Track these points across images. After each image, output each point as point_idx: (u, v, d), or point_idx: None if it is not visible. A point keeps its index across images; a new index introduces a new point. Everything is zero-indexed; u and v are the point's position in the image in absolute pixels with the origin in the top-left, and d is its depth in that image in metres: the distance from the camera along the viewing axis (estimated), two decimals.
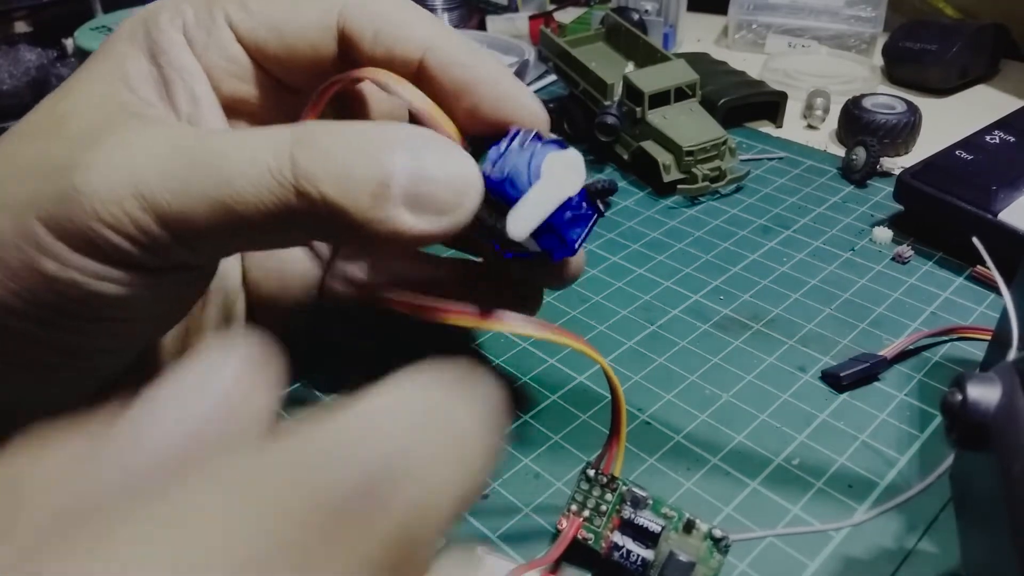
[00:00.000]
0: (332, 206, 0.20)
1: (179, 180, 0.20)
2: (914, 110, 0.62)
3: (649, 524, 0.29)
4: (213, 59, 0.25)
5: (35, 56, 0.68)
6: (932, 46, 0.71)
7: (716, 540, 0.28)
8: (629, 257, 0.50)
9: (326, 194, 0.20)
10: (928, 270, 0.48)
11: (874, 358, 0.40)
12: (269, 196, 0.20)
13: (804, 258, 0.50)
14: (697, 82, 0.58)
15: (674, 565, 0.28)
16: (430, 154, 0.21)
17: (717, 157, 0.56)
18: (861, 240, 0.51)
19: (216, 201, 0.20)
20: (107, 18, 0.63)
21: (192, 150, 0.21)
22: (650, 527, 0.29)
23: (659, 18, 0.79)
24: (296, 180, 0.20)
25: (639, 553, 0.29)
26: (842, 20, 0.79)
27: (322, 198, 0.20)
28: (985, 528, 0.24)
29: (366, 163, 0.20)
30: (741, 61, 0.75)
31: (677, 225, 0.54)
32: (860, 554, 0.31)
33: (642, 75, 0.58)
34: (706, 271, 0.49)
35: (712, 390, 0.39)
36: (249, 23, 0.25)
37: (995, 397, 0.23)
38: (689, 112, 0.58)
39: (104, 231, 0.20)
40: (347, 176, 0.20)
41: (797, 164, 0.60)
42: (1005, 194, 0.47)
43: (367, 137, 0.21)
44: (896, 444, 0.36)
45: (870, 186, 0.57)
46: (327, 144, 0.20)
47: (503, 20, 0.86)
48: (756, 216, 0.54)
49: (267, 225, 0.20)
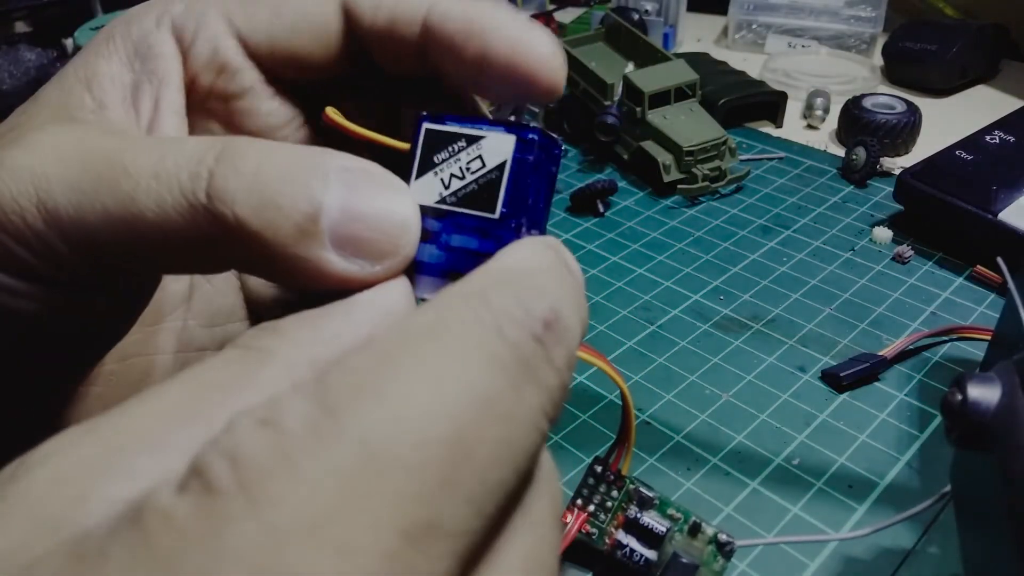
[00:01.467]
0: (250, 234, 0.17)
1: (81, 191, 0.19)
2: (914, 110, 0.62)
3: (654, 525, 0.29)
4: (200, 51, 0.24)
5: (35, 56, 0.68)
6: (932, 46, 0.71)
7: (721, 544, 0.28)
8: (629, 257, 0.50)
9: (243, 220, 0.17)
10: (928, 270, 0.48)
11: (874, 358, 0.40)
12: (175, 217, 0.18)
13: (804, 258, 0.50)
14: (697, 82, 0.58)
15: (677, 567, 0.28)
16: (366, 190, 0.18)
17: (717, 157, 0.56)
18: (861, 240, 0.51)
19: (117, 217, 0.18)
20: (107, 18, 0.64)
21: (101, 158, 0.19)
22: (655, 528, 0.29)
23: (659, 18, 0.79)
24: (210, 201, 0.18)
25: (643, 553, 0.29)
26: (842, 20, 0.79)
27: (238, 224, 0.17)
28: (985, 528, 0.24)
29: (294, 190, 0.17)
30: (741, 61, 0.75)
31: (677, 225, 0.54)
32: (860, 554, 0.31)
33: (642, 75, 0.58)
34: (706, 271, 0.49)
35: (712, 390, 0.39)
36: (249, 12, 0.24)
37: (995, 397, 0.23)
38: (689, 112, 0.58)
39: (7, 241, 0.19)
40: (270, 203, 0.17)
41: (797, 164, 0.61)
42: (1005, 194, 0.47)
43: (300, 160, 0.18)
44: (896, 444, 0.36)
45: (870, 186, 0.57)
46: (254, 163, 0.18)
47: None
48: (756, 216, 0.54)
49: (178, 250, 0.18)
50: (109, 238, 0.19)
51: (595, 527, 0.30)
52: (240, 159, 0.18)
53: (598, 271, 0.49)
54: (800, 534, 0.32)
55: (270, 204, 0.17)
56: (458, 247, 0.19)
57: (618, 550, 0.29)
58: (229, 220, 0.17)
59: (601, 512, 0.30)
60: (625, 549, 0.29)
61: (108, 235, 0.19)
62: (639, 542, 0.29)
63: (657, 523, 0.29)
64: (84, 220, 0.19)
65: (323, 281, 0.18)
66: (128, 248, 0.19)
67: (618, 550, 0.29)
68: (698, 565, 0.28)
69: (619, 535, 0.29)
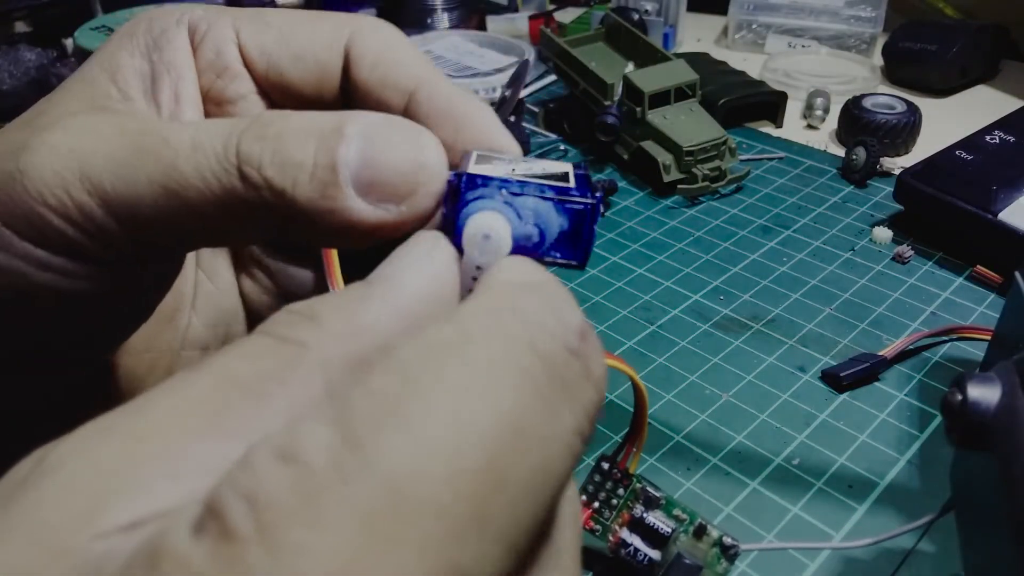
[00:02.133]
0: (276, 192, 0.19)
1: (124, 163, 0.20)
2: (914, 110, 0.62)
3: (660, 525, 0.29)
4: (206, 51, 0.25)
5: (35, 56, 0.68)
6: (932, 46, 0.71)
7: (725, 548, 0.28)
8: (629, 257, 0.50)
9: (269, 178, 0.19)
10: (928, 270, 0.48)
11: (874, 358, 0.40)
12: (214, 181, 0.19)
13: (804, 258, 0.50)
14: (697, 82, 0.58)
15: (680, 568, 0.28)
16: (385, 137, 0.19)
17: (717, 157, 0.56)
18: (861, 240, 0.51)
19: (161, 186, 0.19)
20: (107, 18, 0.64)
21: (140, 134, 0.20)
22: (660, 528, 0.29)
23: (659, 18, 0.79)
24: (240, 163, 0.19)
25: (646, 552, 0.29)
26: (842, 20, 0.79)
27: (266, 183, 0.19)
28: (985, 528, 0.24)
29: (313, 146, 0.19)
30: (741, 61, 0.75)
31: (677, 225, 0.54)
32: (860, 555, 0.31)
33: (642, 75, 0.58)
34: (706, 271, 0.49)
35: (712, 390, 0.39)
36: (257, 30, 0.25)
37: (995, 397, 0.23)
38: (689, 112, 0.58)
39: (48, 215, 0.19)
40: (291, 160, 0.19)
41: (797, 164, 0.61)
42: (1005, 194, 0.47)
43: (318, 121, 0.19)
44: (896, 444, 0.36)
45: (870, 186, 0.57)
46: (277, 129, 0.19)
47: (503, 20, 0.86)
48: (756, 216, 0.54)
49: (215, 215, 0.19)
50: (152, 207, 0.19)
51: (599, 524, 0.29)
52: (265, 126, 0.19)
53: (598, 271, 0.49)
54: (801, 535, 0.32)
55: (291, 162, 0.19)
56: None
57: (622, 548, 0.29)
58: (257, 180, 0.19)
59: (606, 509, 0.30)
60: (629, 548, 0.29)
61: (151, 204, 0.19)
62: (643, 541, 0.29)
63: (663, 523, 0.29)
64: (128, 192, 0.19)
65: (354, 230, 0.19)
66: (170, 218, 0.19)
67: (622, 548, 0.29)
68: (701, 567, 0.28)
69: (623, 533, 0.29)
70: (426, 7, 0.88)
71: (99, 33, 0.60)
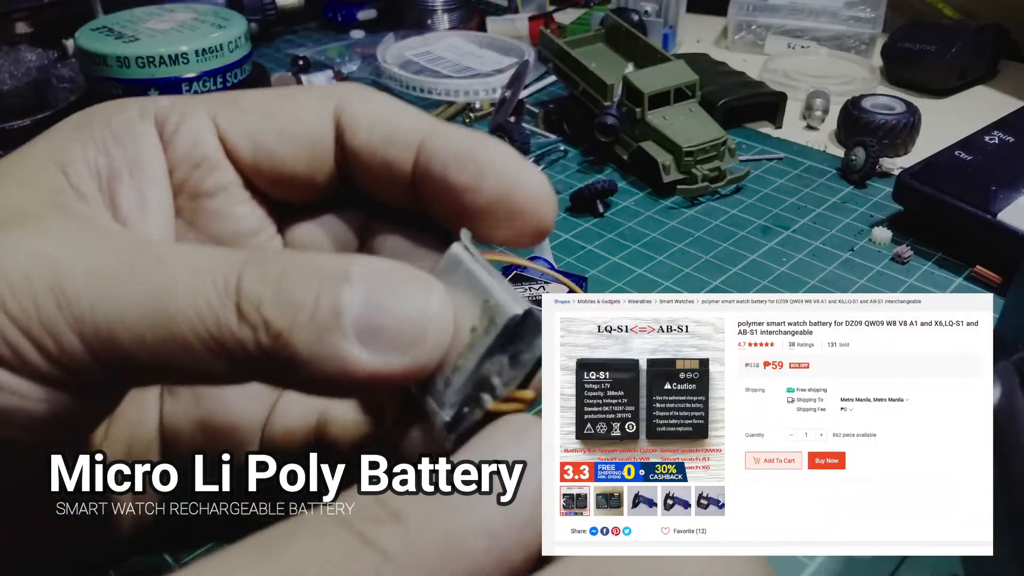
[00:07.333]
0: (274, 333, 0.17)
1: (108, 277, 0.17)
2: (913, 111, 0.62)
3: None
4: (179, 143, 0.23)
5: (35, 56, 0.68)
6: (931, 47, 0.71)
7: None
8: (629, 257, 0.50)
9: (268, 319, 0.17)
10: (927, 270, 0.48)
11: None
12: (208, 314, 0.17)
13: (804, 258, 0.50)
14: (697, 83, 0.58)
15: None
16: (393, 282, 0.18)
17: (717, 157, 0.56)
18: (861, 240, 0.51)
19: (149, 311, 0.17)
20: (107, 19, 0.63)
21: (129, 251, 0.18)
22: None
23: (659, 19, 0.79)
24: (239, 299, 0.18)
25: None
26: (841, 21, 0.79)
27: (264, 323, 0.17)
28: None
29: (317, 289, 0.18)
30: (741, 62, 0.75)
31: (677, 225, 0.54)
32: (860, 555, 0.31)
33: (642, 76, 0.58)
34: (706, 271, 0.49)
35: None
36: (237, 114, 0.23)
37: (995, 397, 0.23)
38: (689, 113, 0.58)
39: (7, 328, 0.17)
40: (293, 301, 0.17)
41: (797, 164, 0.61)
42: (1004, 194, 0.47)
43: (322, 264, 0.18)
44: None
45: (869, 186, 0.57)
46: (279, 268, 0.18)
47: (503, 21, 0.86)
48: (756, 216, 0.54)
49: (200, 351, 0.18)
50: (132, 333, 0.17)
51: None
52: (267, 264, 0.18)
53: (598, 271, 0.49)
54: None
55: (293, 303, 0.17)
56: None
57: None
58: (255, 319, 0.17)
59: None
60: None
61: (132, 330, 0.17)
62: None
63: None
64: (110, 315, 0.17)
65: (348, 379, 0.18)
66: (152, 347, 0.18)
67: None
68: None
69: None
70: (426, 8, 0.88)
71: (99, 34, 0.60)
